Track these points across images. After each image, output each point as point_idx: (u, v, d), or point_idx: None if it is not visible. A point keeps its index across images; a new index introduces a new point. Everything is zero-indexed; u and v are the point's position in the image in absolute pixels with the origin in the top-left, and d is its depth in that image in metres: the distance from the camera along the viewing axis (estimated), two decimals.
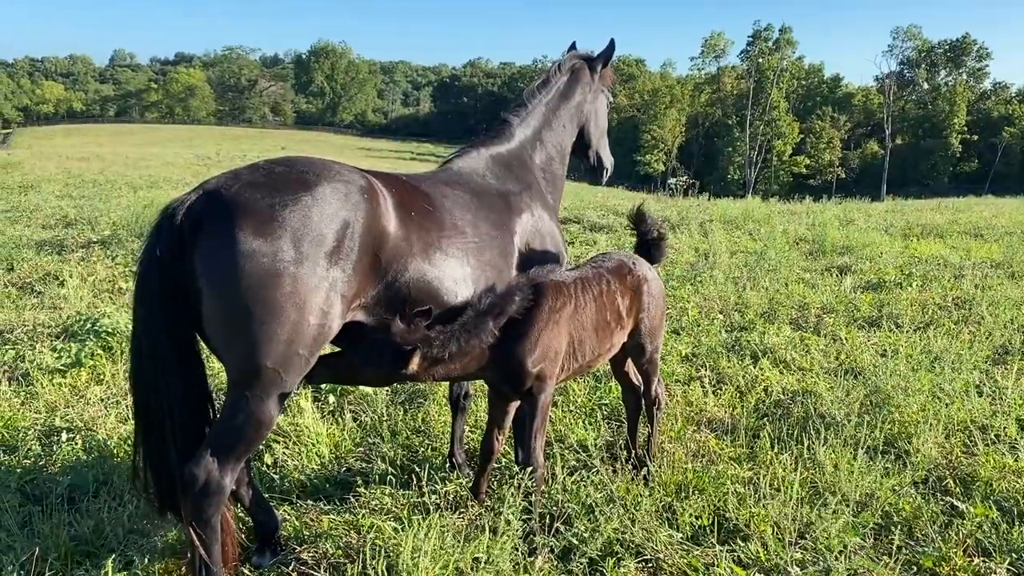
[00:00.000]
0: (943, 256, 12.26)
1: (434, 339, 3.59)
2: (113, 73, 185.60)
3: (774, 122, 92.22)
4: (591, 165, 5.50)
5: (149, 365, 3.39)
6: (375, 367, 3.58)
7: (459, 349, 3.68)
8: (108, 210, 15.18)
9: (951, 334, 7.74)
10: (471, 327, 3.70)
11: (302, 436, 5.16)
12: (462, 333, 3.67)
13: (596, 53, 5.26)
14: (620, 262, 4.60)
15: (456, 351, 3.68)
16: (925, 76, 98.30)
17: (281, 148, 75.82)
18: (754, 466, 4.93)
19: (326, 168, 3.48)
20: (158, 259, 3.22)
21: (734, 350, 7.47)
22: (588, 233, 15.38)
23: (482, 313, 3.73)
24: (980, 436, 5.25)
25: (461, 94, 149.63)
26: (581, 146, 5.34)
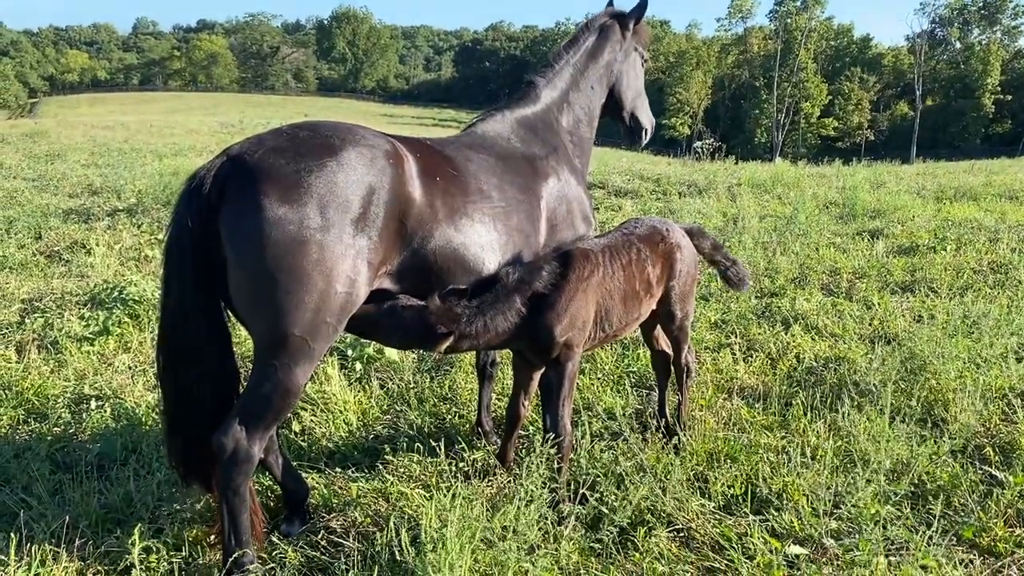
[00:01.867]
0: (977, 219, 11.97)
1: (462, 315, 3.54)
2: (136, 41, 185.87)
3: (802, 84, 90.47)
4: (627, 127, 5.29)
5: (178, 335, 3.36)
6: (404, 340, 3.55)
7: (485, 326, 3.63)
8: (133, 178, 15.23)
9: (988, 299, 7.56)
10: (500, 304, 3.65)
11: (329, 404, 5.15)
12: (490, 309, 3.63)
13: (628, 10, 5.06)
14: (652, 228, 4.48)
15: (483, 328, 3.63)
16: (958, 35, 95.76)
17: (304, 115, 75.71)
18: (787, 434, 4.85)
19: (351, 132, 3.40)
20: (188, 229, 3.17)
21: (764, 316, 7.35)
22: (613, 198, 15.21)
23: (510, 290, 3.68)
24: (1020, 404, 5.12)
25: (483, 58, 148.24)
26: (614, 108, 5.14)
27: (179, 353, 3.38)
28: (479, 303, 3.63)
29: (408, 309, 3.49)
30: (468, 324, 3.59)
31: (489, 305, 3.65)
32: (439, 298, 3.51)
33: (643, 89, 5.31)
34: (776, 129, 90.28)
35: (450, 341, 3.52)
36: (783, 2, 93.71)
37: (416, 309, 3.48)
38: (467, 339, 3.66)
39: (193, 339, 3.34)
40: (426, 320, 3.46)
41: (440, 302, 3.50)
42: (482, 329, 3.65)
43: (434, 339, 3.49)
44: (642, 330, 4.91)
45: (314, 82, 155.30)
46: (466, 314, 3.58)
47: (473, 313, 3.60)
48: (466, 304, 3.60)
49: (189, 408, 3.44)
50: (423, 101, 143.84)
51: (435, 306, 3.46)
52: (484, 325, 3.65)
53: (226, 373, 3.50)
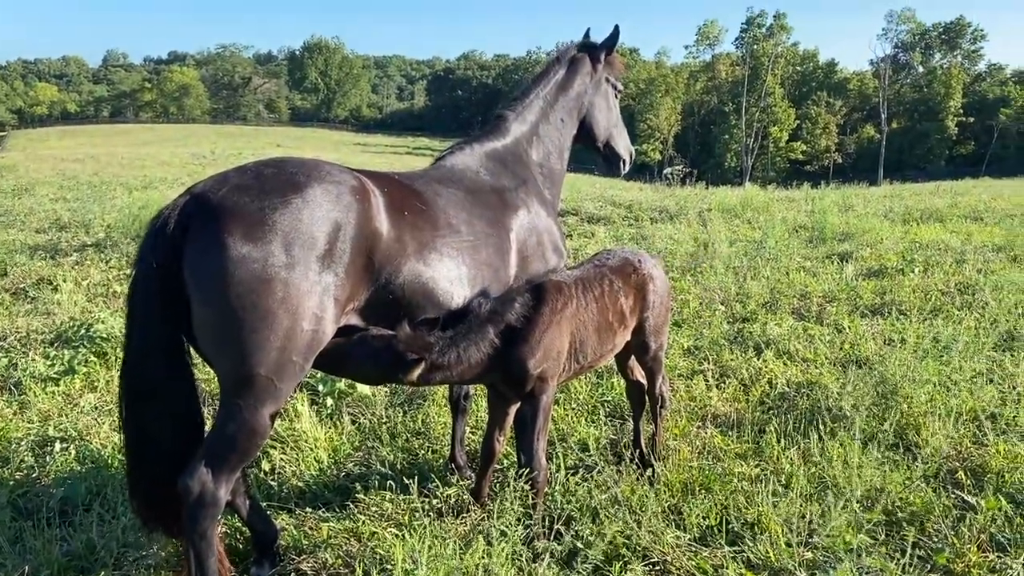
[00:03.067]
0: (944, 241, 12.16)
1: (434, 346, 3.51)
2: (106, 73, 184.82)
3: (770, 108, 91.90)
4: (603, 157, 5.31)
5: (139, 374, 3.31)
6: (374, 370, 3.50)
7: (458, 357, 3.60)
8: (103, 212, 15.08)
9: (956, 321, 7.65)
10: (471, 335, 3.62)
11: (300, 441, 5.07)
12: (463, 340, 3.60)
13: (599, 42, 5.09)
14: (624, 260, 4.49)
15: (456, 359, 3.59)
16: (920, 59, 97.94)
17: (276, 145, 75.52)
18: (761, 462, 4.84)
19: (316, 169, 3.38)
20: (152, 269, 3.13)
21: (737, 342, 7.37)
22: (586, 225, 15.29)
23: (483, 320, 3.65)
24: (990, 426, 5.16)
25: (456, 87, 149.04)
26: (588, 139, 5.16)
27: (139, 392, 3.32)
28: (452, 334, 3.60)
29: (378, 338, 3.45)
30: (441, 354, 3.56)
31: (462, 336, 3.62)
32: (409, 326, 3.47)
33: (619, 119, 5.32)
34: (745, 153, 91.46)
35: (422, 368, 3.47)
36: (749, 29, 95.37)
37: (386, 338, 3.44)
38: (440, 370, 3.62)
39: (153, 378, 3.28)
40: (395, 348, 3.41)
41: (410, 329, 3.46)
42: (455, 360, 3.61)
43: (405, 366, 3.43)
44: (616, 360, 4.90)
45: (287, 112, 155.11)
46: (439, 344, 3.54)
47: (447, 344, 3.57)
48: (439, 334, 3.56)
49: (150, 448, 3.38)
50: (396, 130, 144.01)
51: (405, 333, 3.42)
52: (457, 356, 3.61)
53: (188, 413, 3.43)
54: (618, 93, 5.27)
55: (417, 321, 3.53)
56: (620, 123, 5.34)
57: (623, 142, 5.33)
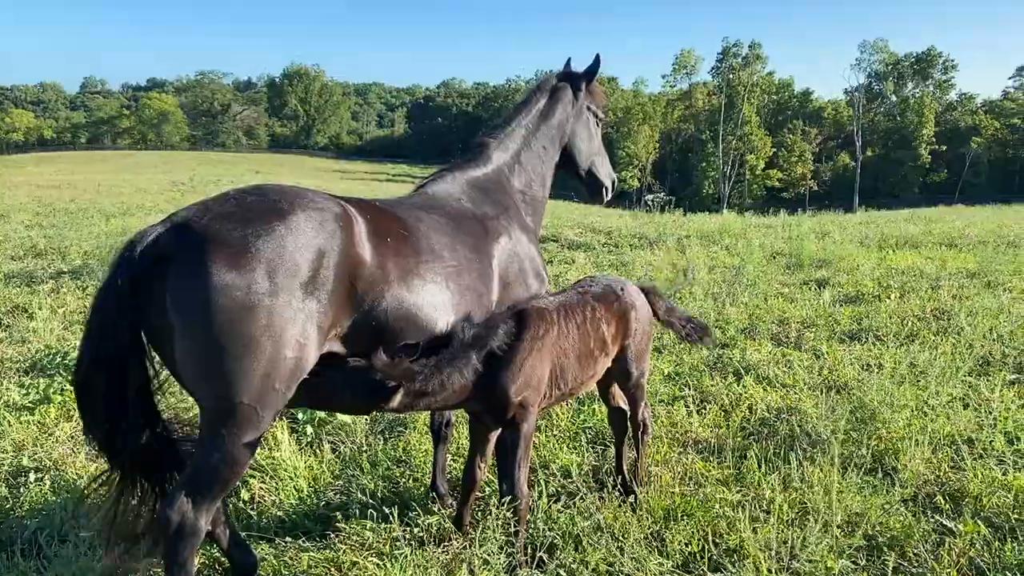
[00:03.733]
0: (919, 267, 12.32)
1: (417, 373, 3.49)
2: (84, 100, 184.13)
3: (746, 137, 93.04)
4: (585, 184, 5.36)
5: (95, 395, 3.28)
6: (354, 398, 3.47)
7: (441, 384, 3.59)
8: (79, 239, 14.97)
9: (932, 346, 7.74)
10: (454, 361, 3.61)
11: (279, 470, 5.02)
12: (445, 367, 3.58)
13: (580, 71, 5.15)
14: (607, 287, 4.51)
15: (438, 385, 3.59)
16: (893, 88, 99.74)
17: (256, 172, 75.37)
18: (742, 488, 4.86)
19: (299, 196, 3.39)
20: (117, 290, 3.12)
21: (717, 367, 7.41)
22: (566, 251, 15.36)
23: (466, 346, 3.65)
24: (967, 450, 5.21)
25: (435, 114, 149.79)
26: (569, 166, 5.21)
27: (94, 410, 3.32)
28: (436, 360, 3.58)
29: (355, 368, 3.43)
30: (425, 381, 3.54)
31: (446, 362, 3.61)
32: (386, 353, 3.46)
33: (601, 147, 5.37)
34: (723, 181, 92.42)
35: (400, 395, 3.45)
36: (725, 58, 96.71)
37: (363, 367, 3.42)
38: (424, 397, 3.60)
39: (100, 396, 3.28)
40: (372, 376, 3.38)
41: (388, 357, 3.44)
42: (439, 386, 3.60)
43: (385, 394, 3.40)
44: (599, 387, 4.91)
45: (266, 139, 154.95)
46: (423, 371, 3.53)
47: (431, 370, 3.55)
48: (423, 361, 3.55)
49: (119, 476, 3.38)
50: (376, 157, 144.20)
51: (381, 361, 3.40)
52: (441, 382, 3.60)
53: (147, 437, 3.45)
54: (599, 121, 5.31)
55: (396, 348, 3.52)
56: (602, 151, 5.39)
57: (605, 169, 5.38)
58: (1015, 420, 5.77)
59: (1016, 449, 5.28)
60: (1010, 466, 5.01)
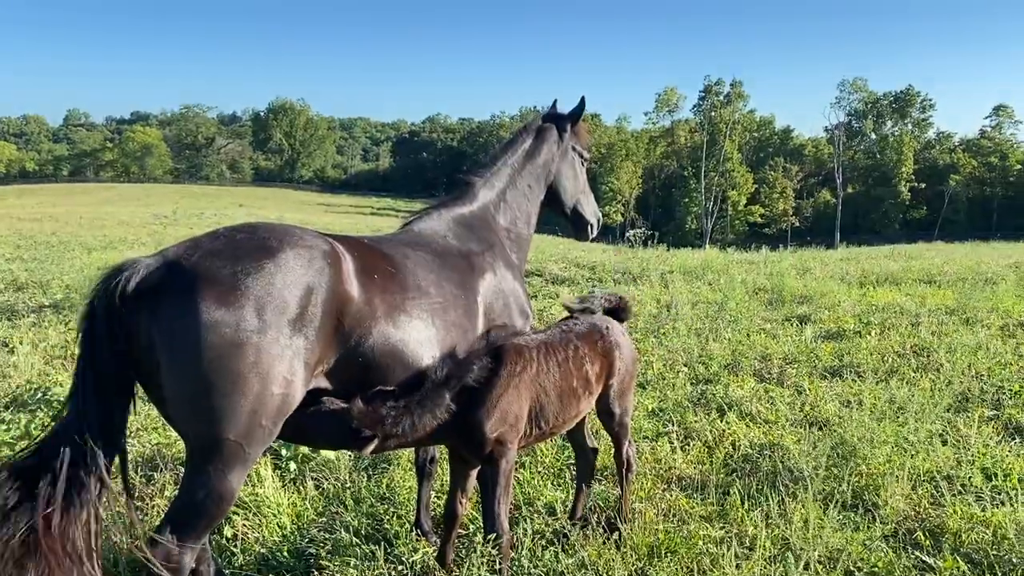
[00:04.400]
0: (899, 303, 12.46)
1: (386, 417, 3.51)
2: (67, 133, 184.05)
3: (728, 173, 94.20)
4: (571, 222, 5.46)
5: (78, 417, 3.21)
6: (328, 444, 3.52)
7: (412, 425, 3.60)
8: (61, 272, 14.90)
9: (912, 383, 7.82)
10: (425, 402, 3.62)
11: (263, 507, 5.00)
12: (416, 409, 3.59)
13: (566, 112, 5.27)
14: (592, 325, 4.53)
15: (410, 427, 3.60)
16: (872, 127, 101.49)
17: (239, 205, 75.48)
18: (725, 524, 4.88)
19: (288, 234, 3.44)
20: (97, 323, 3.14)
21: (700, 403, 7.46)
22: (550, 286, 15.42)
23: (438, 385, 3.66)
24: (946, 487, 5.27)
25: (420, 149, 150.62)
26: (555, 204, 5.31)
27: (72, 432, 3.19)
28: (406, 402, 3.59)
29: (332, 413, 3.45)
30: (395, 424, 3.55)
31: (417, 404, 3.61)
32: (362, 400, 3.47)
33: (585, 186, 5.46)
34: (705, 216, 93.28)
35: (374, 444, 3.48)
36: (707, 96, 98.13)
37: (339, 412, 3.44)
38: (393, 439, 3.61)
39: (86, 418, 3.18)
40: (348, 424, 3.41)
41: (363, 404, 3.46)
42: (409, 428, 3.60)
43: (359, 443, 3.44)
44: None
45: (250, 172, 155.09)
46: (391, 415, 3.53)
47: (399, 413, 3.56)
48: (392, 404, 3.55)
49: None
50: (361, 190, 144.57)
51: (358, 409, 3.42)
52: (411, 423, 3.60)
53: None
54: (584, 161, 5.42)
55: (372, 393, 3.53)
56: (587, 189, 5.49)
57: (590, 208, 5.47)
58: (993, 456, 5.84)
59: (994, 485, 5.34)
60: (988, 502, 5.06)
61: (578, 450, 4.98)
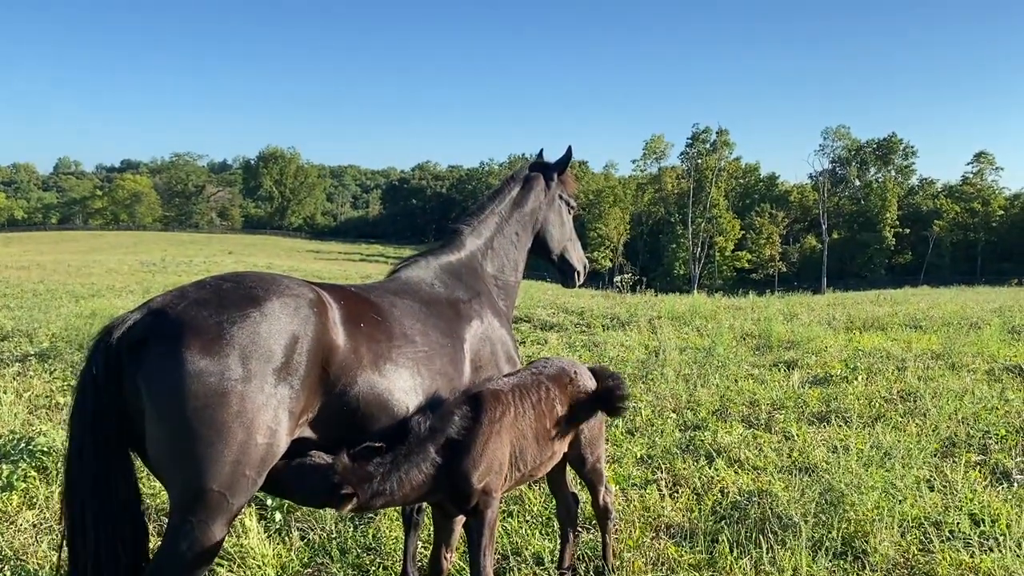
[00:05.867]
0: (885, 348, 12.53)
1: (374, 474, 3.44)
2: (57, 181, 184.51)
3: (715, 219, 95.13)
4: (558, 269, 5.54)
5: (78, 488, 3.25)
6: (309, 497, 3.47)
7: (400, 482, 3.54)
8: (47, 321, 14.82)
9: (899, 428, 7.84)
10: (411, 457, 3.56)
11: (247, 558, 4.94)
12: (403, 464, 3.53)
13: (553, 162, 5.36)
14: (560, 369, 4.48)
15: (398, 483, 3.53)
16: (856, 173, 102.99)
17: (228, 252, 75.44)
18: (714, 573, 4.84)
19: (275, 283, 3.46)
20: (92, 378, 3.16)
21: (688, 450, 7.44)
22: (538, 332, 15.43)
23: (423, 440, 3.60)
24: (935, 533, 5.26)
25: (410, 196, 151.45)
26: (542, 252, 5.38)
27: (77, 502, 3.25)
28: (392, 458, 3.52)
29: (315, 467, 3.38)
30: (383, 482, 3.47)
31: (403, 459, 3.54)
32: (348, 456, 3.39)
33: (572, 233, 5.54)
34: (693, 262, 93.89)
35: (354, 503, 3.38)
36: (694, 144, 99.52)
37: (322, 468, 3.37)
38: (381, 497, 3.52)
39: (89, 489, 3.22)
40: (330, 480, 3.33)
41: (348, 460, 3.38)
42: (397, 486, 3.52)
43: (339, 500, 3.34)
44: (548, 478, 4.85)
45: (240, 219, 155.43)
46: (379, 472, 3.46)
47: (388, 469, 3.48)
48: (379, 461, 3.48)
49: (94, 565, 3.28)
50: (351, 237, 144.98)
51: (342, 464, 3.35)
52: (400, 480, 3.52)
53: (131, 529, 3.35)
54: (571, 209, 5.49)
55: (360, 449, 3.47)
56: (574, 237, 5.56)
57: (576, 255, 5.54)
58: (980, 502, 5.84)
59: (982, 531, 5.33)
60: (977, 548, 5.05)
61: (559, 498, 4.93)
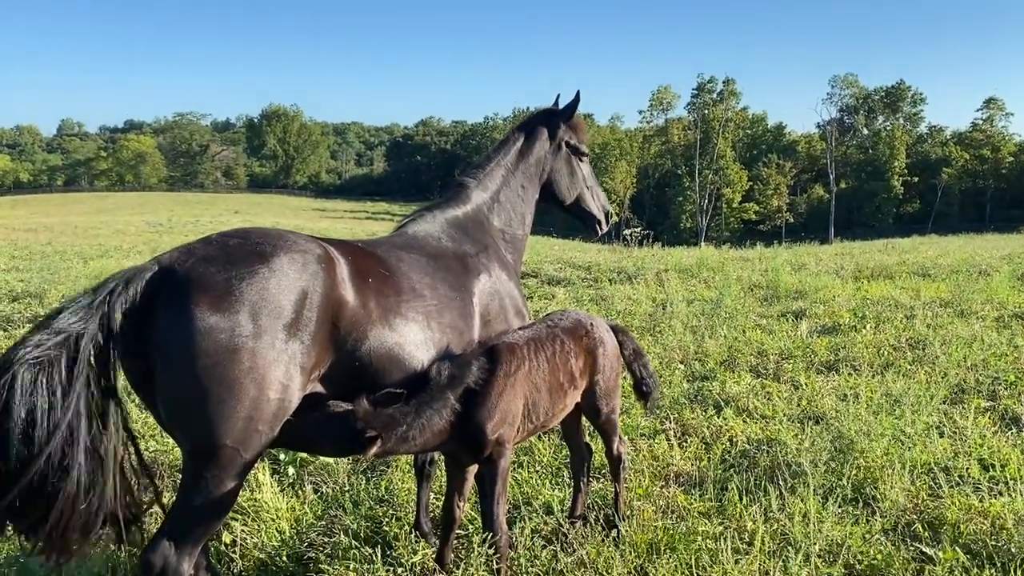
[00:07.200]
0: (894, 297, 12.49)
1: (397, 420, 3.49)
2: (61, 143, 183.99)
3: (722, 171, 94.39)
4: (577, 219, 5.41)
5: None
6: (334, 446, 3.49)
7: (422, 428, 3.60)
8: (56, 282, 14.86)
9: (908, 375, 7.84)
10: (432, 404, 3.62)
11: (261, 512, 4.99)
12: (425, 411, 3.59)
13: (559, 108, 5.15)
14: (576, 322, 4.53)
15: (419, 431, 3.59)
16: (864, 122, 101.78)
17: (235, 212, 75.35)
18: (724, 520, 4.88)
19: (282, 238, 3.44)
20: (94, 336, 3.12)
21: (697, 400, 7.46)
22: (546, 287, 15.42)
23: (442, 388, 3.65)
24: (944, 478, 5.28)
25: (414, 152, 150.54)
26: (553, 202, 5.24)
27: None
28: (415, 405, 3.58)
29: (336, 415, 3.42)
30: (408, 428, 3.53)
31: (425, 405, 3.60)
32: (369, 401, 3.46)
33: (587, 180, 5.31)
34: (700, 214, 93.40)
35: (378, 445, 3.43)
36: (700, 94, 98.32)
37: (344, 414, 3.41)
38: (405, 443, 3.59)
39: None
40: (352, 425, 3.38)
41: (370, 405, 3.44)
42: (419, 432, 3.59)
43: (362, 444, 3.39)
44: (563, 427, 4.91)
45: (245, 179, 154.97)
46: (401, 418, 3.53)
47: (411, 416, 3.55)
48: (401, 408, 3.53)
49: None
50: (356, 195, 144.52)
51: (363, 409, 3.40)
52: (421, 426, 3.59)
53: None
54: (583, 156, 5.26)
55: (380, 395, 3.51)
56: (592, 184, 5.35)
57: (596, 203, 5.35)
58: (989, 447, 5.86)
59: (991, 476, 5.35)
60: (986, 493, 5.08)
61: (573, 448, 4.98)
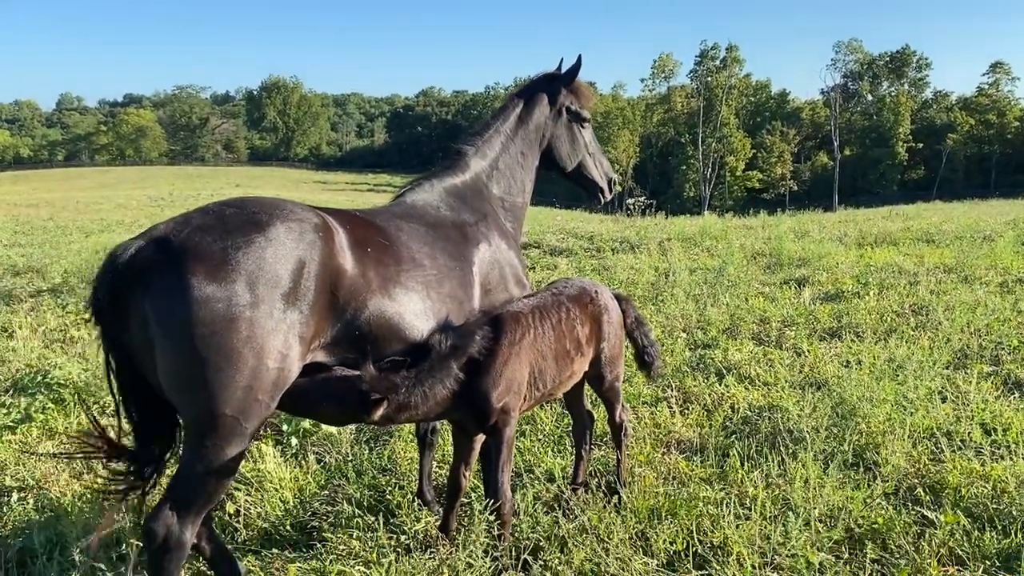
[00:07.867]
0: (897, 263, 12.45)
1: (400, 385, 3.50)
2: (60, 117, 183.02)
3: (725, 139, 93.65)
4: (580, 186, 5.30)
5: None
6: (337, 411, 3.49)
7: (424, 396, 3.60)
8: (58, 257, 14.86)
9: (911, 341, 7.84)
10: (435, 372, 3.62)
11: (265, 482, 5.02)
12: (427, 379, 3.59)
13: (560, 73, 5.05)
14: (582, 289, 4.53)
15: (421, 398, 3.60)
16: (868, 88, 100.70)
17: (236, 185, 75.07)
18: (725, 486, 4.89)
19: (278, 207, 3.41)
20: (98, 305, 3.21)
21: (699, 368, 7.47)
22: (548, 257, 15.39)
23: (445, 356, 3.65)
24: (946, 443, 5.28)
25: (415, 123, 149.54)
26: (554, 169, 5.15)
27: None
28: (417, 372, 3.59)
29: (341, 379, 3.44)
30: (408, 394, 3.55)
31: (427, 373, 3.61)
32: (374, 367, 3.47)
33: (589, 147, 5.20)
34: (703, 183, 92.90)
35: (384, 407, 3.45)
36: (703, 61, 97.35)
37: (349, 379, 3.43)
38: (407, 410, 3.61)
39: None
40: (358, 388, 3.39)
41: (375, 370, 3.45)
42: (422, 399, 3.61)
43: (368, 407, 3.40)
44: (565, 396, 4.90)
45: (245, 152, 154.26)
46: (405, 384, 3.54)
47: (412, 382, 3.56)
48: (404, 374, 3.55)
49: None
50: (357, 167, 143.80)
51: (369, 374, 3.41)
52: (424, 394, 3.61)
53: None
54: (584, 121, 5.14)
55: (384, 362, 3.53)
56: (595, 150, 5.25)
57: (599, 170, 5.25)
58: (992, 412, 5.86)
59: (993, 440, 5.35)
60: (988, 457, 5.09)
61: (575, 416, 4.99)
